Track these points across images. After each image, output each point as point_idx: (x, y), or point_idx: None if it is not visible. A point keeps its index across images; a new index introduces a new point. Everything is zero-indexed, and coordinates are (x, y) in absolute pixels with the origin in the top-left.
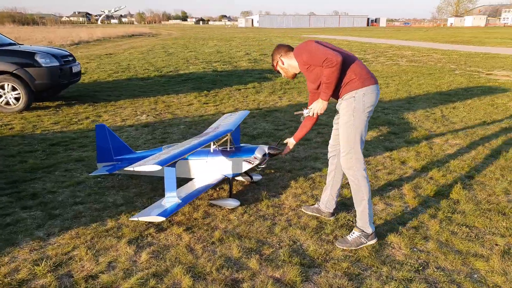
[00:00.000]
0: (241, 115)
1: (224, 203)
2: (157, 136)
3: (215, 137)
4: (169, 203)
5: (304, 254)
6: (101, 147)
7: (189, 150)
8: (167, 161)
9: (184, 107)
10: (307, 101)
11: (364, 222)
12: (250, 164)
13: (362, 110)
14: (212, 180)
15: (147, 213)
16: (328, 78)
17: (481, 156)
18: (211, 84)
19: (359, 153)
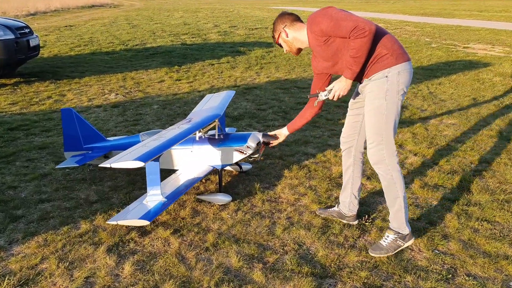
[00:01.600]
0: (227, 96)
1: (214, 199)
2: (129, 118)
3: (202, 124)
4: (152, 202)
5: (313, 261)
6: (68, 134)
7: (174, 142)
8: (149, 156)
9: (155, 84)
10: (286, 77)
11: (400, 223)
12: (242, 154)
13: (396, 92)
14: (199, 172)
15: (127, 216)
16: (358, 51)
17: (482, 138)
18: (182, 59)
19: (391, 143)
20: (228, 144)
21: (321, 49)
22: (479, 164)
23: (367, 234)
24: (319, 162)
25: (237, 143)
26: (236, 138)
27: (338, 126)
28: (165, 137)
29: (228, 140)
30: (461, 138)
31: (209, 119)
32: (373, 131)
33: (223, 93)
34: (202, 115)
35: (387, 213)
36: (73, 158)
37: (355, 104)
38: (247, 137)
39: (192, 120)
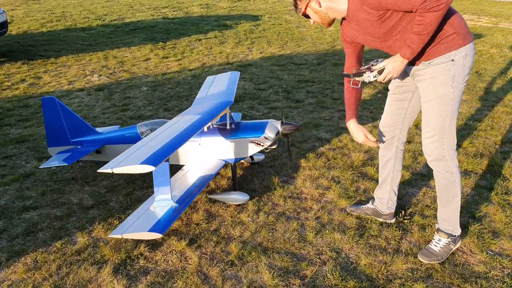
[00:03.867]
0: (233, 78)
1: (229, 198)
2: (117, 102)
3: (214, 114)
4: (161, 208)
5: (357, 272)
6: (51, 128)
7: (186, 137)
8: (160, 158)
9: (141, 63)
10: (280, 52)
11: (454, 224)
12: (259, 146)
13: (462, 78)
14: (209, 168)
15: (133, 227)
16: (427, 26)
17: (499, 116)
18: (166, 34)
19: (454, 138)
20: (243, 135)
21: (371, 25)
22: (503, 144)
23: (409, 234)
24: (336, 148)
25: (253, 134)
26: (251, 127)
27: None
28: (174, 132)
29: (242, 131)
30: (477, 116)
31: (221, 107)
32: (436, 123)
33: (227, 75)
34: (211, 102)
35: (424, 207)
36: (60, 155)
37: (399, 88)
38: (264, 126)
39: (200, 108)
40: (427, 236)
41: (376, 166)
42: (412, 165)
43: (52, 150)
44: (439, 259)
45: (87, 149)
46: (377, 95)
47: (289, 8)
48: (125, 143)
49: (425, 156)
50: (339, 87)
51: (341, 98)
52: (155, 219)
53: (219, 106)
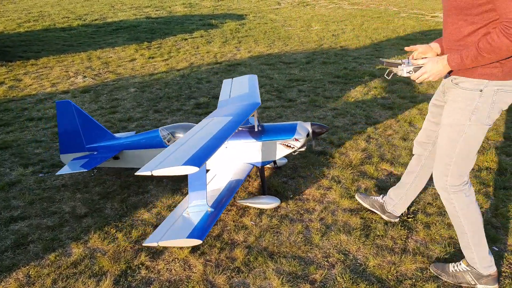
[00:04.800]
0: (252, 81)
1: (260, 203)
2: (104, 104)
3: (245, 115)
4: (196, 214)
5: (367, 274)
6: (66, 133)
7: (224, 138)
8: (202, 159)
9: (127, 63)
10: (269, 51)
11: (470, 258)
12: (289, 149)
13: (486, 114)
14: (237, 172)
15: (169, 234)
16: (494, 51)
17: None
18: (150, 34)
19: (461, 175)
20: (271, 137)
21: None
22: (496, 140)
23: (415, 233)
24: (333, 147)
25: (282, 136)
26: (280, 129)
27: (340, 104)
28: (209, 133)
29: (271, 133)
30: None
31: (249, 108)
32: (444, 152)
33: (245, 78)
34: (237, 104)
35: (427, 205)
36: (76, 162)
37: (435, 108)
38: (294, 127)
39: (228, 110)
40: (432, 234)
41: (375, 165)
42: None
43: (65, 157)
44: (445, 278)
45: (105, 155)
46: (368, 92)
47: (273, 7)
48: (146, 148)
49: None
50: (330, 85)
51: (332, 96)
52: (191, 225)
53: (248, 107)
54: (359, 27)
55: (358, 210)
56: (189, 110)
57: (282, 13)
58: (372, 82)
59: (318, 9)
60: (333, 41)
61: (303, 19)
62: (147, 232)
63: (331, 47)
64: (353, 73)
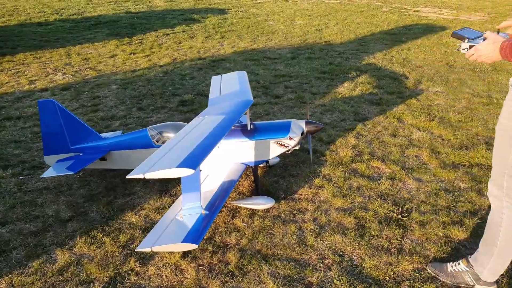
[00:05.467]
0: (242, 78)
1: (254, 203)
2: (86, 102)
3: (239, 113)
4: (190, 216)
5: (364, 276)
6: (49, 133)
7: (218, 138)
8: (198, 160)
9: (107, 60)
10: (253, 46)
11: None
12: (283, 148)
13: None
14: (230, 172)
15: (163, 239)
16: None
17: (476, 106)
18: (130, 29)
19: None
20: (265, 136)
21: None
22: (484, 135)
23: (410, 232)
24: (323, 144)
25: (276, 134)
26: (274, 128)
27: (326, 100)
28: (203, 133)
29: (264, 131)
30: (455, 108)
31: (242, 106)
32: (497, 158)
33: (234, 75)
34: (229, 102)
35: (420, 203)
36: (61, 164)
37: None
38: (288, 126)
39: (220, 109)
40: (428, 233)
41: (366, 162)
42: (401, 160)
43: (49, 159)
44: (443, 278)
45: (92, 156)
46: (355, 88)
47: (255, 1)
48: (134, 148)
49: None
50: (317, 81)
51: (319, 92)
52: (186, 229)
53: (240, 105)
54: (342, 22)
55: (352, 209)
56: (173, 107)
57: (265, 8)
58: (359, 77)
59: (300, 3)
60: (317, 36)
61: (286, 14)
62: (135, 236)
63: (315, 42)
64: (339, 69)
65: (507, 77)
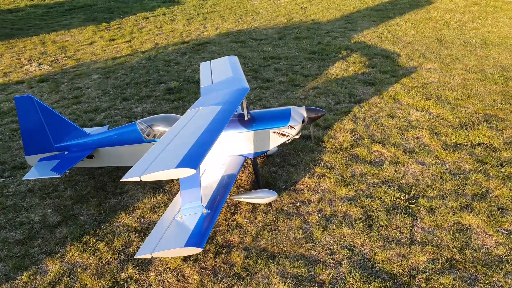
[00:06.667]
0: (233, 63)
1: (256, 197)
2: (66, 94)
3: (237, 103)
4: (191, 217)
5: (377, 270)
6: (29, 131)
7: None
8: (198, 158)
9: (86, 47)
10: (237, 27)
11: None
12: (284, 137)
13: None
14: (231, 166)
15: (164, 243)
16: None
17: (471, 83)
18: (108, 14)
19: None
20: (264, 125)
21: None
22: (483, 113)
23: (420, 220)
24: (320, 129)
25: (275, 124)
26: (272, 116)
27: (319, 82)
28: (199, 127)
29: (262, 121)
30: (451, 85)
31: (239, 95)
32: None
33: (225, 60)
34: (224, 91)
35: (426, 188)
36: (45, 164)
37: None
38: (288, 114)
39: (215, 99)
40: (438, 220)
41: (366, 147)
42: (401, 142)
43: (31, 159)
44: None
45: (79, 154)
46: (348, 68)
47: None
48: (123, 144)
49: None
50: (307, 62)
51: (311, 74)
52: (187, 231)
53: (237, 94)
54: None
55: (357, 198)
56: (160, 96)
57: None
58: (350, 57)
59: None
60: (303, 15)
61: None
62: (131, 240)
63: (301, 21)
64: (329, 48)
65: (498, 51)
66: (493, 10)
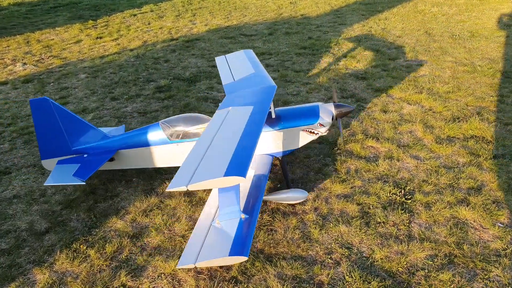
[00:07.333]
0: (251, 58)
1: (287, 197)
2: (53, 95)
3: (269, 101)
4: (230, 223)
5: (376, 269)
6: (46, 135)
7: (257, 133)
8: (245, 165)
9: (72, 46)
10: (227, 23)
11: None
12: (313, 135)
13: None
14: (261, 166)
15: (206, 252)
16: None
17: (462, 75)
18: (94, 11)
19: None
20: (292, 123)
21: None
22: (475, 105)
23: (417, 216)
24: None
25: (304, 121)
26: (300, 114)
27: (311, 77)
28: (237, 130)
29: (290, 119)
30: (441, 78)
31: (268, 93)
32: None
33: (241, 54)
34: (250, 89)
35: (422, 182)
36: (65, 168)
37: None
38: (316, 111)
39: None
40: (435, 215)
41: (360, 142)
42: (395, 137)
43: (48, 163)
44: None
45: (100, 157)
46: (338, 63)
47: None
48: (147, 146)
49: None
50: (298, 58)
51: (302, 69)
52: (229, 238)
53: (265, 93)
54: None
55: (353, 195)
56: (149, 94)
57: None
58: (340, 51)
59: None
60: (292, 9)
61: None
62: (123, 245)
63: (291, 16)
64: (319, 43)
65: (486, 43)
66: (479, 3)
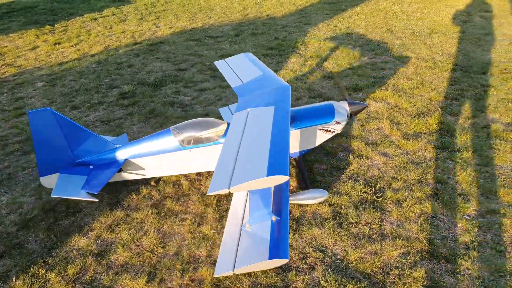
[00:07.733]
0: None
1: (307, 198)
2: (6, 106)
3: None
4: (262, 226)
5: (350, 271)
6: (45, 148)
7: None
8: (285, 163)
9: (27, 53)
10: (192, 25)
11: None
12: (329, 134)
13: None
14: None
15: (244, 258)
16: None
17: (424, 71)
18: (51, 15)
19: None
20: (308, 122)
21: None
22: (437, 100)
23: (388, 214)
24: None
25: (321, 120)
26: (316, 113)
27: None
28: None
29: (306, 118)
30: (405, 74)
31: (284, 93)
32: None
33: (242, 57)
34: (267, 90)
35: (391, 179)
36: (70, 179)
37: None
38: (332, 109)
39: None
40: (405, 212)
41: (330, 141)
42: (363, 135)
43: (47, 180)
44: None
45: (109, 168)
46: (305, 63)
47: None
48: (158, 153)
49: None
50: (265, 59)
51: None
52: (265, 242)
53: (282, 92)
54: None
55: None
56: (113, 102)
57: None
58: (307, 51)
59: None
60: (257, 10)
61: None
62: (87, 265)
63: (257, 16)
64: (286, 43)
65: (445, 39)
66: (437, 0)
